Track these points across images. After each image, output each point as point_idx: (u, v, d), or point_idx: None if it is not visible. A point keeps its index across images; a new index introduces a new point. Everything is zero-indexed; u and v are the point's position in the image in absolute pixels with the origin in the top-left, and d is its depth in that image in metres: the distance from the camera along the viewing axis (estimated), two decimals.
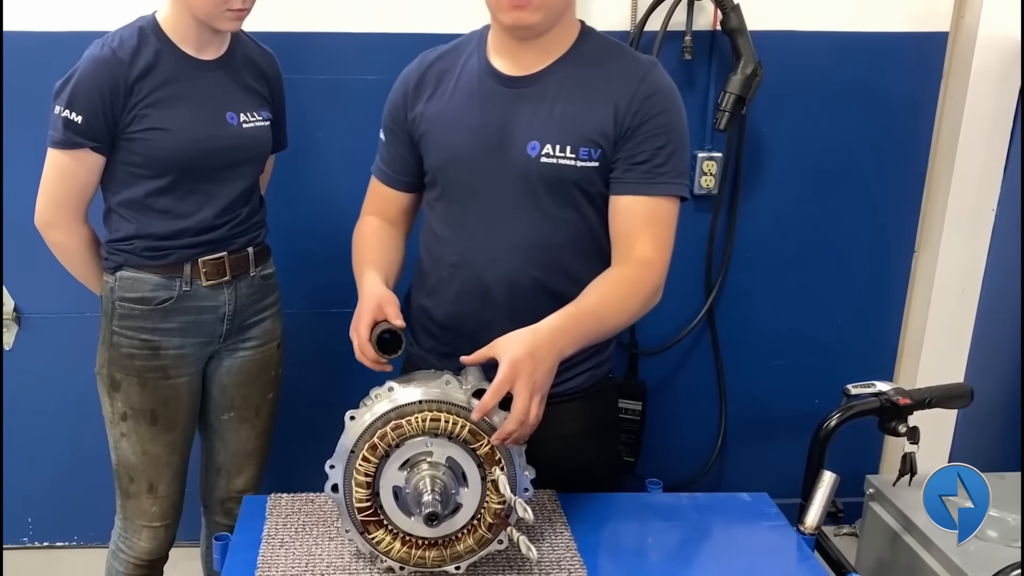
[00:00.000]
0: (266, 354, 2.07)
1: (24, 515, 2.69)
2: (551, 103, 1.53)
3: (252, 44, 1.98)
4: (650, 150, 1.51)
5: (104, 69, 1.77)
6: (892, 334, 2.74)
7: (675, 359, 2.70)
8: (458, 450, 1.34)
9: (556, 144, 1.52)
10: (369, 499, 1.35)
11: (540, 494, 1.59)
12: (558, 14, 1.51)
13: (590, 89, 1.53)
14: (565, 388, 1.59)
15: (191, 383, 2.00)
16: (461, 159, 1.59)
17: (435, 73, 1.63)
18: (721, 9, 2.32)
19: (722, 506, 1.67)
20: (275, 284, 2.09)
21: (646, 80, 1.52)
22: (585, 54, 1.56)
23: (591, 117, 1.51)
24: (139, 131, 1.81)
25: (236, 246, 1.95)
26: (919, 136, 2.56)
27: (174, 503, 2.06)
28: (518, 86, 1.55)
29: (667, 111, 1.52)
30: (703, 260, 2.60)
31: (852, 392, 1.73)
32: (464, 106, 1.58)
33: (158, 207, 1.87)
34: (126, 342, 1.92)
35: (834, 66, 2.48)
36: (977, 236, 2.56)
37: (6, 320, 2.47)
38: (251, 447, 2.12)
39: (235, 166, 1.90)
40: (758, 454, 2.77)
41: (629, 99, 1.51)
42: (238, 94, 1.90)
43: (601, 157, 1.52)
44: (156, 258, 1.89)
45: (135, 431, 1.97)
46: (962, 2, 2.45)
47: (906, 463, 1.70)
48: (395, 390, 1.36)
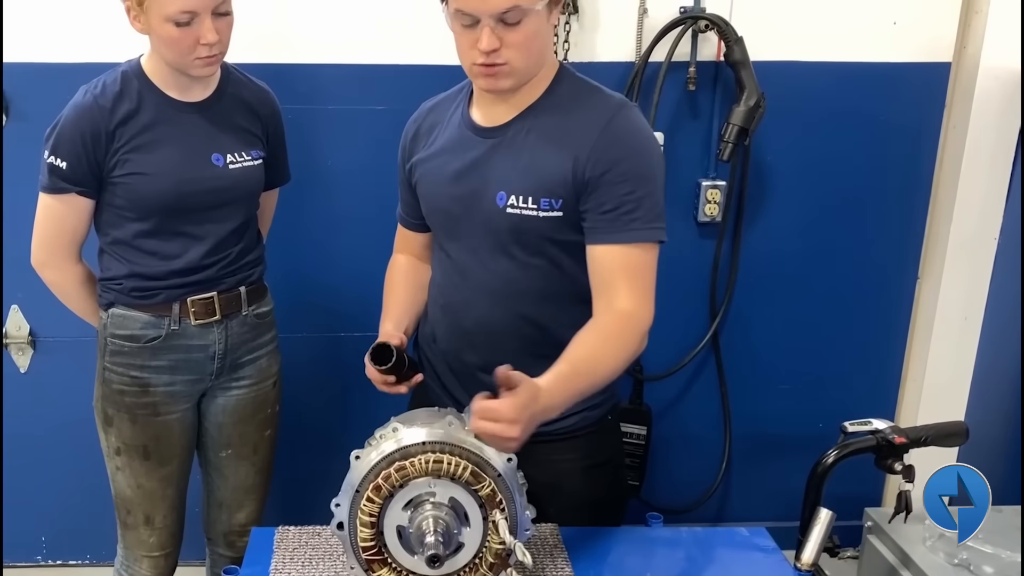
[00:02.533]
0: (261, 392, 2.07)
1: (38, 533, 2.74)
2: (517, 153, 1.55)
3: (246, 82, 1.96)
4: (617, 197, 1.50)
5: (86, 116, 1.79)
6: (895, 360, 2.76)
7: (680, 384, 2.72)
8: (460, 491, 1.37)
9: (519, 195, 1.54)
10: (373, 538, 1.38)
11: (542, 528, 1.62)
12: (530, 74, 1.53)
13: (552, 139, 1.54)
14: (558, 427, 1.60)
15: (184, 419, 2.00)
16: (442, 207, 1.64)
17: (429, 124, 1.69)
18: (725, 42, 2.35)
19: (721, 540, 1.70)
20: (272, 322, 2.08)
21: (608, 127, 1.51)
22: (554, 101, 1.57)
23: (551, 167, 1.52)
24: (121, 175, 1.82)
25: (226, 285, 1.94)
26: (922, 165, 2.58)
27: (172, 533, 2.07)
28: (490, 136, 1.58)
29: (630, 156, 1.51)
30: (707, 286, 2.63)
31: (849, 429, 1.76)
32: (447, 156, 1.62)
33: (145, 248, 1.88)
34: (116, 378, 1.94)
35: (837, 96, 2.50)
36: (980, 264, 2.58)
37: (22, 343, 2.52)
38: (251, 483, 2.12)
39: (221, 207, 1.89)
40: (762, 478, 2.79)
41: (589, 149, 1.50)
42: (225, 135, 1.89)
43: (563, 207, 1.53)
44: (144, 298, 1.90)
45: (129, 466, 1.98)
46: (964, 33, 2.48)
47: (901, 501, 1.72)
48: (399, 430, 1.39)
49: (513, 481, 1.38)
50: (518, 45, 1.46)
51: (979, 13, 2.43)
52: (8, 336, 2.50)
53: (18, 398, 2.55)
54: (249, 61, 2.05)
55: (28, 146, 2.33)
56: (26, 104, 2.34)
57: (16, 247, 2.39)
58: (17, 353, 2.54)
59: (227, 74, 1.92)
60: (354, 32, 2.40)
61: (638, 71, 2.40)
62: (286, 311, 2.17)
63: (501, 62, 1.47)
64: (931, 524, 1.79)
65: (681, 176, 2.50)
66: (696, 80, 2.41)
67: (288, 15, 2.37)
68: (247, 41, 1.94)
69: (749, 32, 2.36)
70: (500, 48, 1.45)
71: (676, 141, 2.47)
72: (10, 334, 2.50)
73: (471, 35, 1.46)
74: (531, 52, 1.49)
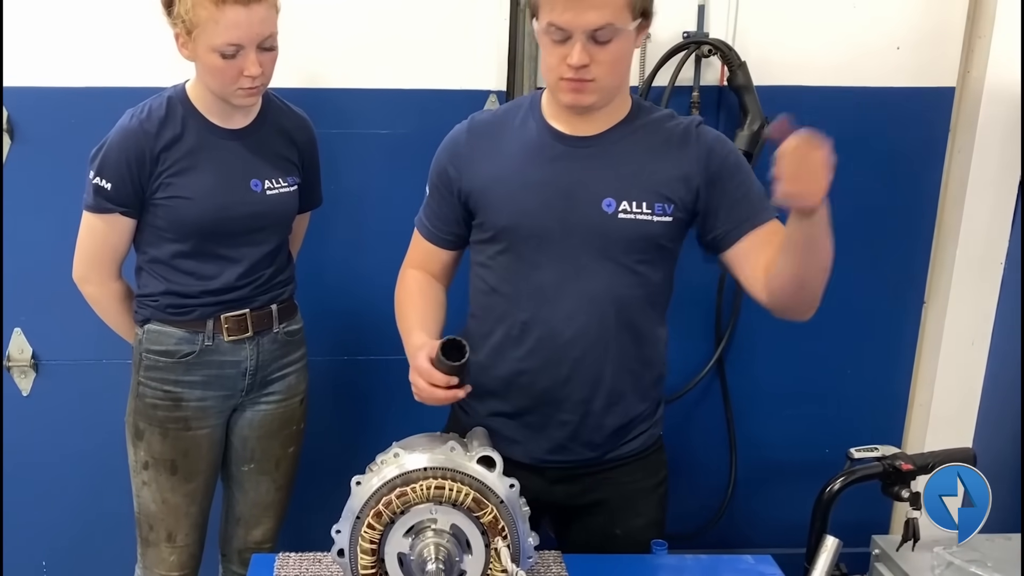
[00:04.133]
0: (288, 408, 2.11)
1: (38, 557, 2.71)
2: (619, 161, 1.59)
3: (285, 110, 2.03)
4: (744, 185, 1.61)
5: (132, 139, 1.85)
6: (902, 384, 2.73)
7: (685, 408, 2.70)
8: (462, 518, 1.36)
9: (632, 200, 1.58)
10: (374, 565, 1.37)
11: (545, 556, 1.61)
12: (612, 94, 1.58)
13: (653, 147, 1.61)
14: (626, 451, 1.70)
15: (212, 435, 2.04)
16: (529, 217, 1.62)
17: (487, 135, 1.67)
18: (728, 67, 2.36)
19: (726, 568, 1.68)
20: (301, 340, 2.13)
21: (700, 134, 1.63)
22: (642, 118, 1.64)
23: (661, 173, 1.59)
24: (164, 198, 1.88)
25: (259, 303, 1.99)
26: (927, 189, 2.58)
27: (192, 553, 2.09)
28: (583, 145, 1.61)
29: (732, 151, 1.64)
30: (712, 310, 2.62)
31: (855, 456, 1.75)
32: (526, 165, 1.62)
33: (183, 268, 1.93)
34: (150, 392, 1.98)
35: (841, 121, 2.46)
36: (986, 288, 2.57)
37: (24, 367, 2.51)
38: (270, 499, 2.16)
39: (258, 231, 1.96)
40: (768, 504, 2.76)
41: (696, 152, 1.60)
42: (264, 161, 1.95)
43: (675, 211, 1.59)
44: (180, 314, 1.95)
45: (155, 480, 2.02)
46: (968, 57, 2.47)
47: (909, 529, 1.70)
48: (401, 456, 1.38)
49: (516, 508, 1.36)
50: (607, 63, 1.51)
51: (982, 38, 2.43)
52: (10, 359, 2.50)
53: (20, 421, 2.54)
54: None
55: (32, 169, 2.36)
56: (30, 128, 2.35)
57: (20, 269, 2.40)
58: (20, 376, 2.53)
59: (268, 102, 1.98)
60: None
61: (641, 95, 2.40)
62: None
63: (589, 78, 1.51)
64: (940, 552, 1.78)
65: None
66: (700, 104, 2.41)
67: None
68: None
69: (752, 57, 2.36)
70: (590, 64, 1.49)
71: None
72: (12, 357, 2.50)
73: (561, 50, 1.50)
74: (617, 71, 1.55)
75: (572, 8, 1.47)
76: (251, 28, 1.76)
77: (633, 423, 1.70)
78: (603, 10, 1.47)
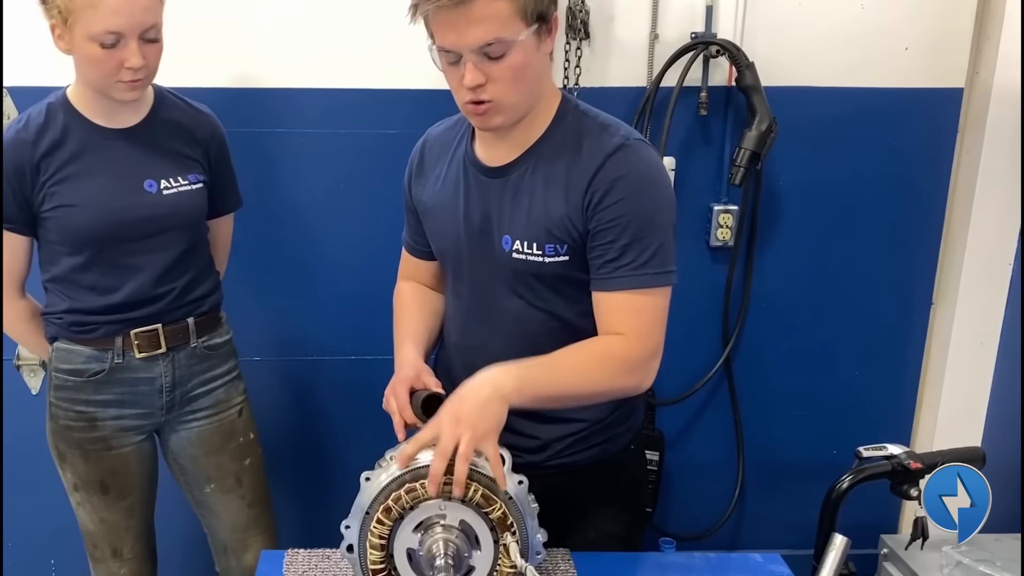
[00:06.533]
0: (225, 423, 2.02)
1: (47, 556, 2.73)
2: (520, 196, 1.51)
3: (183, 106, 1.91)
4: (618, 247, 1.44)
5: (10, 152, 1.76)
6: (911, 386, 2.73)
7: (693, 409, 2.71)
8: (471, 513, 1.36)
9: (524, 240, 1.50)
10: (383, 561, 1.37)
11: (554, 553, 1.60)
12: (522, 110, 1.46)
13: (553, 182, 1.48)
14: (575, 460, 1.63)
15: (140, 450, 1.96)
16: (452, 247, 1.61)
17: (434, 155, 1.65)
18: (736, 67, 2.36)
19: (735, 567, 1.68)
20: (229, 352, 2.03)
21: (605, 170, 1.44)
22: (554, 142, 1.50)
23: (553, 213, 1.47)
24: (50, 209, 1.78)
25: (173, 318, 1.90)
26: (935, 190, 2.58)
27: (143, 561, 2.05)
28: (494, 176, 1.54)
29: (629, 197, 1.43)
30: (720, 311, 2.62)
31: (864, 454, 1.74)
32: (453, 194, 1.58)
33: (83, 283, 1.84)
34: (62, 414, 1.91)
35: (849, 121, 2.50)
36: (994, 289, 2.56)
37: (34, 365, 2.53)
38: (246, 519, 2.08)
39: (159, 234, 1.84)
40: (776, 504, 2.76)
41: (588, 195, 1.44)
42: (159, 159, 1.84)
43: (569, 251, 1.48)
44: (85, 332, 1.87)
45: (88, 501, 1.95)
46: (976, 58, 2.48)
47: (918, 527, 1.69)
48: None
49: (525, 504, 1.36)
50: (506, 79, 1.39)
51: (990, 38, 2.44)
52: (20, 358, 2.51)
53: (29, 419, 2.54)
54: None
55: None
56: None
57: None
58: (29, 375, 2.55)
59: (160, 98, 1.88)
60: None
61: (649, 96, 2.41)
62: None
63: (487, 99, 1.40)
64: (948, 552, 1.78)
65: (693, 201, 2.50)
66: (708, 105, 2.42)
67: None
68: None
69: (760, 57, 2.37)
70: (486, 83, 1.39)
71: (688, 166, 2.48)
72: (22, 356, 2.51)
73: (457, 72, 1.40)
74: (520, 86, 1.41)
75: (454, 28, 1.35)
76: (132, 17, 1.65)
77: (578, 435, 1.63)
78: (486, 24, 1.34)
